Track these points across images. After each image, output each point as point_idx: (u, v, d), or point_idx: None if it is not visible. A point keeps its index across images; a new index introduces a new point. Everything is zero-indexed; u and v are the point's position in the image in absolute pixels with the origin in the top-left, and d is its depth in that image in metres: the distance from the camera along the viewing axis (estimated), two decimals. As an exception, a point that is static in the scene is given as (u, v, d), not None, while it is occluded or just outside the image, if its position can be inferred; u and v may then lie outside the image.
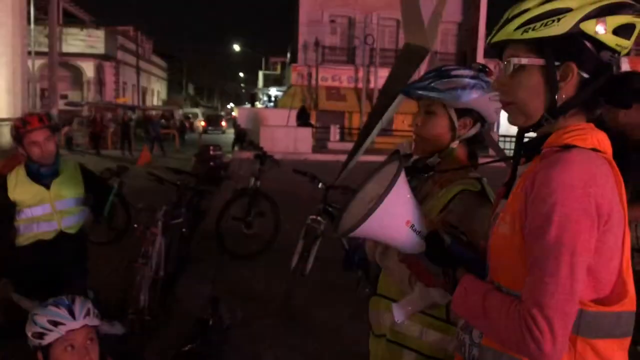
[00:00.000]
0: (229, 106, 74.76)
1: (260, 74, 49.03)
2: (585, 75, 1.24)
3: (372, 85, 28.28)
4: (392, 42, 30.91)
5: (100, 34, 35.27)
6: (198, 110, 46.63)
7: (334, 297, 5.20)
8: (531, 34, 1.23)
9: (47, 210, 3.50)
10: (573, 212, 1.13)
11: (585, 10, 1.20)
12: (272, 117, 23.38)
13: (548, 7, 1.23)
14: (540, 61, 1.25)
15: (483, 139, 1.83)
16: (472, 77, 1.73)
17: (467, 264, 1.35)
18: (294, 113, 22.90)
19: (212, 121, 40.90)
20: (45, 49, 22.62)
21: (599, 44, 1.22)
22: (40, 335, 2.05)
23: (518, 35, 1.25)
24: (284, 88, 36.29)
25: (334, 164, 10.06)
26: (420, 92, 1.78)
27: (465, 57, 31.69)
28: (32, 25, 25.70)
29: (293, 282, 4.92)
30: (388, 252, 1.77)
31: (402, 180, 1.37)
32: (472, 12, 31.29)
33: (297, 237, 5.23)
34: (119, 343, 2.62)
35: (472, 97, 1.72)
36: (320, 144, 24.33)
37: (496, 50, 1.37)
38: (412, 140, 1.86)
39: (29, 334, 2.08)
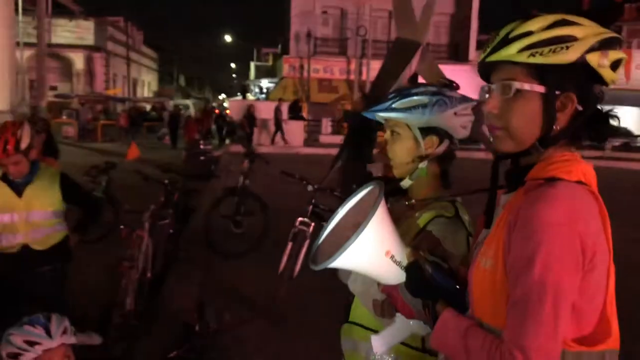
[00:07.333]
0: (220, 97, 74.40)
1: (252, 65, 48.62)
2: (580, 108, 1.20)
3: (364, 77, 28.19)
4: (384, 33, 30.80)
5: (89, 24, 34.96)
6: (189, 102, 46.36)
7: (323, 300, 5.14)
8: (538, 59, 1.18)
9: (15, 219, 3.22)
10: (557, 250, 1.09)
11: (590, 42, 1.17)
12: (264, 109, 23.21)
13: (553, 32, 1.18)
14: (541, 88, 1.20)
15: (454, 156, 1.79)
16: (433, 94, 1.69)
17: (448, 295, 1.31)
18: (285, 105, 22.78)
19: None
20: (34, 40, 22.38)
21: (596, 77, 1.19)
22: (16, 356, 2.00)
23: (523, 58, 1.19)
24: (275, 80, 36.04)
25: (325, 158, 10.00)
26: (381, 114, 1.73)
27: (457, 48, 31.64)
28: (20, 16, 25.41)
29: (281, 285, 4.88)
30: (357, 278, 1.73)
31: (382, 208, 1.32)
32: (464, 3, 31.20)
33: (286, 237, 5.18)
34: (101, 352, 2.58)
35: (435, 115, 1.67)
36: (312, 137, 24.24)
37: (482, 69, 1.31)
38: (383, 163, 1.82)
39: (4, 354, 2.03)
